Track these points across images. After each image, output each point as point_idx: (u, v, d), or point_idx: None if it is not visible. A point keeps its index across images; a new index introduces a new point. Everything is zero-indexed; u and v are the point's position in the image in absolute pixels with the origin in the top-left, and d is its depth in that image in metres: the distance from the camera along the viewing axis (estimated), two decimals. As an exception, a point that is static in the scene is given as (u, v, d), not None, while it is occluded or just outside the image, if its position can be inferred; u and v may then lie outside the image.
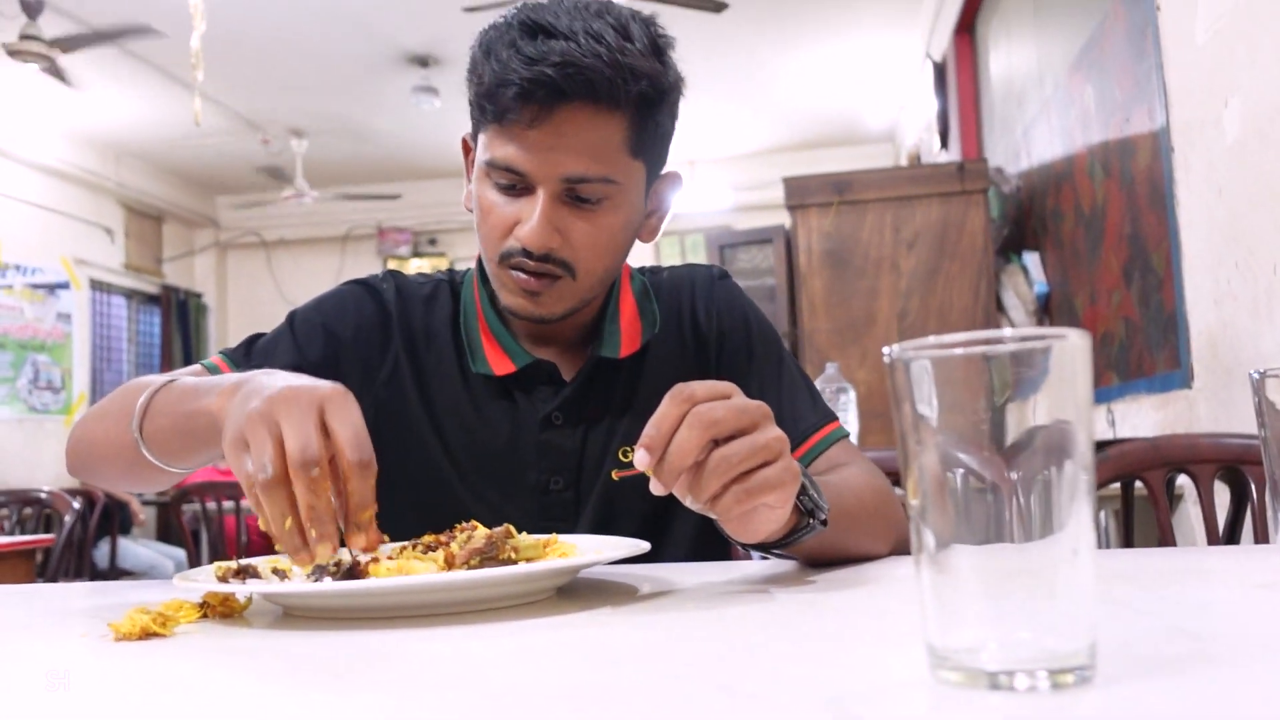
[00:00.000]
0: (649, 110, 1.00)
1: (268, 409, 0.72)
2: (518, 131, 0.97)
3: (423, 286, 1.19)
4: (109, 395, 1.04)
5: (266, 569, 0.78)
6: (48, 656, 0.62)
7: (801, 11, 5.76)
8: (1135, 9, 2.74)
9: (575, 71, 0.93)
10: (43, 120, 7.08)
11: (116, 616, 0.66)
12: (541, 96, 0.95)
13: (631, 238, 1.09)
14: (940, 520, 0.45)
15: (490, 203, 1.03)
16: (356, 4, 5.47)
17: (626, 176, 1.02)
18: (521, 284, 1.03)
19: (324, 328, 1.13)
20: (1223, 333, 2.17)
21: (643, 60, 0.97)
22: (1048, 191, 3.96)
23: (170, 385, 0.93)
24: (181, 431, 0.88)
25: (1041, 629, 0.43)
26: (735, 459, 0.72)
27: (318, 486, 0.69)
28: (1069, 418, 0.43)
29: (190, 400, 0.87)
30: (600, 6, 0.99)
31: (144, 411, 0.91)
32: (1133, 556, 0.89)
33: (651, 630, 0.63)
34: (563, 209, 1.00)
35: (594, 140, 0.98)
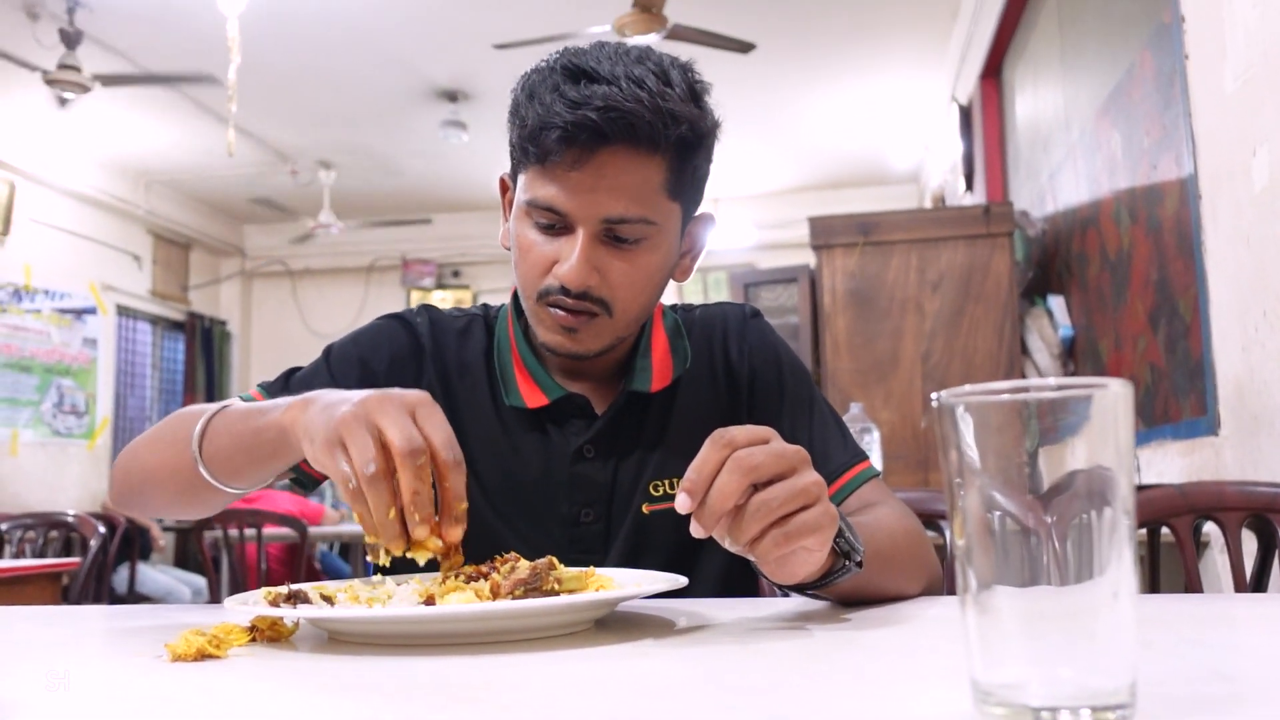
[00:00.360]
0: (687, 154, 1.02)
1: (362, 411, 0.76)
2: (560, 173, 1.00)
3: (457, 320, 1.21)
4: (157, 425, 1.07)
5: (315, 595, 0.80)
6: (110, 676, 0.64)
7: (828, 53, 5.81)
8: (1163, 57, 2.77)
9: (617, 115, 0.96)
10: (75, 148, 7.20)
11: (162, 638, 0.68)
12: (584, 139, 0.97)
13: (667, 277, 1.11)
14: (983, 561, 0.47)
15: (530, 241, 1.05)
16: (388, 39, 5.56)
17: (664, 218, 1.04)
18: (560, 321, 1.05)
19: (359, 361, 1.16)
20: (1250, 381, 2.17)
21: (682, 105, 0.99)
22: (1073, 236, 3.97)
23: (227, 409, 0.96)
24: (246, 448, 0.92)
25: (1083, 668, 0.44)
26: (774, 503, 0.74)
27: (423, 474, 0.74)
28: (1109, 464, 0.45)
29: (255, 418, 0.91)
30: (640, 53, 1.02)
31: (203, 434, 0.95)
32: (1162, 601, 0.90)
33: (693, 663, 0.64)
34: (601, 248, 1.03)
35: (634, 182, 1.00)
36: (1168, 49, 2.69)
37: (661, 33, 4.55)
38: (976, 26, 5.12)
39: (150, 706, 0.54)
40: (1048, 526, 0.46)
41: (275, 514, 4.46)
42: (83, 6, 5.08)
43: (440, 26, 5.43)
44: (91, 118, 6.45)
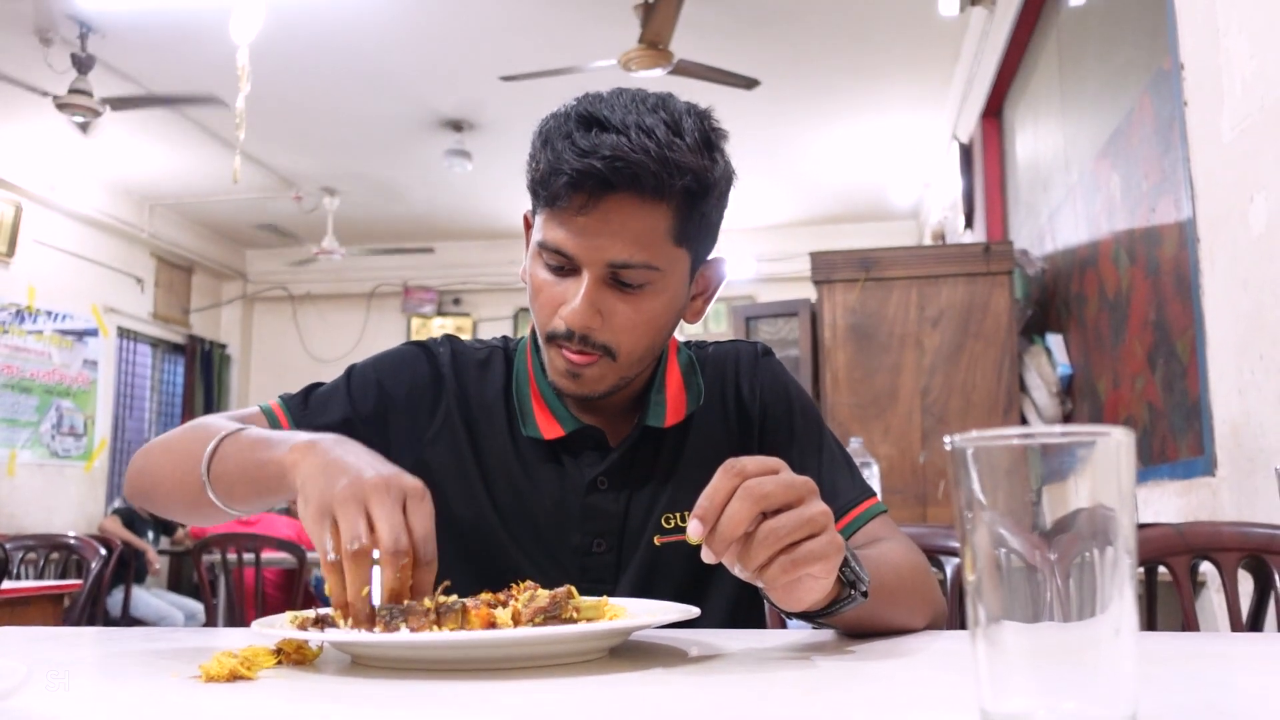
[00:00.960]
0: (693, 202, 1.05)
1: (358, 491, 0.80)
2: (567, 218, 1.03)
3: (478, 352, 1.24)
4: (176, 431, 1.10)
5: (341, 619, 0.82)
6: (149, 697, 0.67)
7: (831, 90, 5.88)
8: (1163, 103, 2.81)
9: (623, 165, 0.99)
10: (80, 171, 7.25)
11: (186, 660, 0.70)
12: (590, 186, 1.00)
13: (674, 319, 1.14)
14: (992, 596, 0.49)
15: (542, 281, 1.09)
16: (395, 68, 5.63)
17: (669, 264, 1.07)
18: (567, 365, 1.08)
19: (378, 384, 1.19)
20: (1246, 422, 2.20)
21: (689, 155, 1.02)
22: (1072, 275, 4.01)
23: (239, 434, 0.99)
24: (249, 479, 0.95)
25: (1086, 700, 0.46)
26: (783, 531, 0.76)
27: (404, 574, 0.78)
28: (1112, 505, 0.47)
29: (261, 450, 0.94)
30: (657, 100, 1.05)
31: (212, 455, 0.98)
32: (1160, 639, 0.92)
33: (707, 690, 0.67)
34: (606, 291, 1.06)
35: (638, 229, 1.03)
36: (1167, 95, 2.73)
37: (667, 68, 4.60)
38: (978, 67, 5.19)
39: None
40: (1051, 564, 0.48)
41: (274, 539, 4.47)
42: (95, 32, 5.14)
43: (447, 57, 5.50)
44: (98, 141, 6.50)
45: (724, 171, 1.08)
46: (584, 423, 1.16)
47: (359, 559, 0.77)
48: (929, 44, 5.37)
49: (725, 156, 1.09)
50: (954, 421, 3.92)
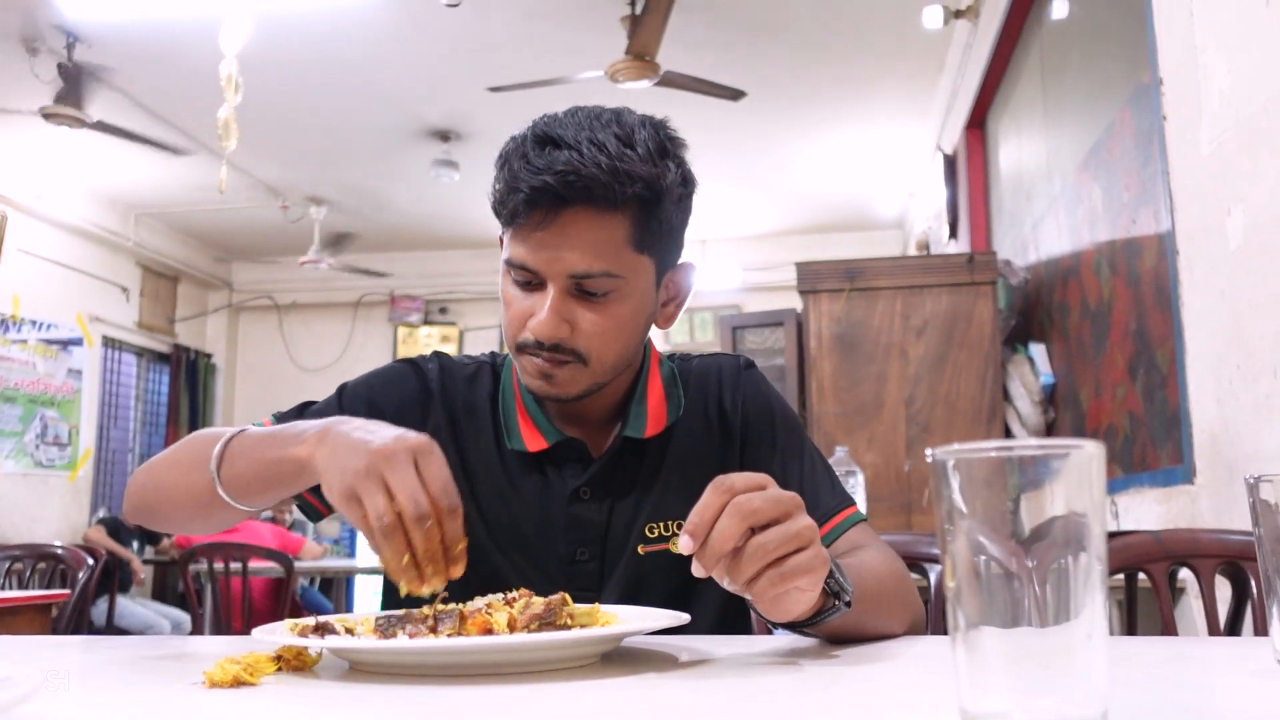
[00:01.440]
0: (649, 210, 1.08)
1: (372, 465, 0.84)
2: (527, 234, 1.07)
3: (466, 367, 1.27)
4: (174, 447, 1.13)
5: (340, 626, 0.84)
6: (157, 703, 0.68)
7: (816, 101, 5.93)
8: (1143, 117, 2.86)
9: (575, 179, 1.02)
10: (66, 180, 7.24)
11: (186, 666, 0.72)
12: (546, 202, 1.04)
13: (643, 325, 1.17)
14: (971, 603, 0.51)
15: (510, 296, 1.12)
16: (382, 78, 5.64)
17: (631, 271, 1.09)
18: (538, 368, 1.11)
19: (368, 401, 1.22)
20: (1224, 431, 2.23)
21: (640, 165, 1.05)
22: (1055, 285, 4.06)
23: (244, 434, 1.03)
24: (265, 476, 0.98)
25: (1060, 700, 0.49)
26: (771, 546, 0.79)
27: (430, 533, 0.82)
28: (1085, 515, 0.50)
29: (273, 448, 0.97)
30: (612, 116, 1.08)
31: (221, 456, 1.01)
32: (1137, 643, 0.95)
33: (699, 693, 0.69)
34: (571, 302, 1.09)
35: (596, 240, 1.06)
36: (1147, 109, 2.78)
37: (653, 79, 4.64)
38: (962, 79, 5.25)
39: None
40: (1029, 571, 0.51)
41: (261, 548, 4.47)
42: (81, 42, 5.14)
43: (435, 68, 5.52)
44: (83, 150, 6.49)
45: (679, 177, 1.11)
46: (566, 435, 1.19)
47: (389, 533, 0.81)
48: (914, 56, 5.42)
49: (681, 163, 1.12)
50: (938, 430, 3.96)
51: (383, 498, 0.82)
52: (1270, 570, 0.77)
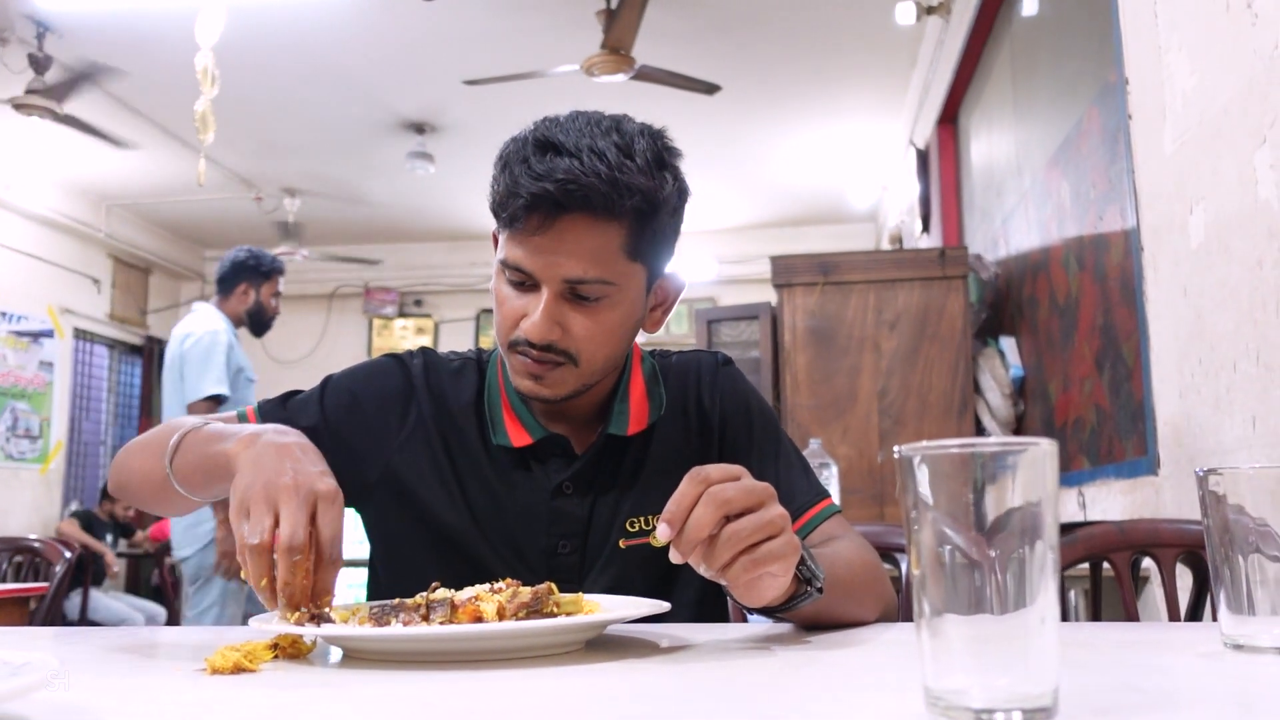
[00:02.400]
0: (645, 220, 1.11)
1: (270, 491, 0.88)
2: (525, 238, 1.10)
3: (452, 363, 1.30)
4: (152, 430, 1.18)
5: (337, 616, 0.87)
6: (162, 689, 0.72)
7: (791, 95, 5.97)
8: (1109, 115, 2.91)
9: (575, 188, 1.05)
10: (36, 170, 7.19)
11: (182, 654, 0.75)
12: (545, 208, 1.07)
13: (632, 329, 1.20)
14: (935, 591, 0.55)
15: (504, 295, 1.15)
16: (356, 70, 5.64)
17: (624, 278, 1.13)
18: (528, 368, 1.14)
19: (351, 393, 1.25)
20: (1186, 424, 2.29)
21: (639, 176, 1.08)
22: (1024, 280, 4.12)
23: (203, 428, 1.08)
24: (203, 469, 1.04)
25: (1016, 678, 0.53)
26: (744, 533, 0.84)
27: (296, 568, 0.85)
28: (1040, 508, 0.54)
29: (214, 443, 1.03)
30: (612, 123, 1.11)
31: (175, 449, 1.07)
32: (1095, 629, 0.99)
33: (679, 676, 0.73)
34: (564, 305, 1.12)
35: (592, 247, 1.09)
36: (1113, 107, 2.83)
37: (629, 73, 4.66)
38: (934, 74, 5.30)
39: (208, 712, 0.62)
40: (991, 560, 0.54)
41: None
42: (52, 32, 5.11)
43: (410, 60, 5.52)
44: (52, 140, 6.45)
45: (675, 189, 1.14)
46: (551, 431, 1.22)
47: (256, 553, 0.86)
48: (886, 51, 5.47)
49: (678, 175, 1.15)
50: (911, 423, 4.01)
51: (268, 520, 0.87)
52: (1218, 559, 0.81)
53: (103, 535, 6.74)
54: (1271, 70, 1.84)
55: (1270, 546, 0.79)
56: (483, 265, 8.85)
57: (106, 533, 6.83)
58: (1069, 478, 3.40)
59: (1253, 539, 0.79)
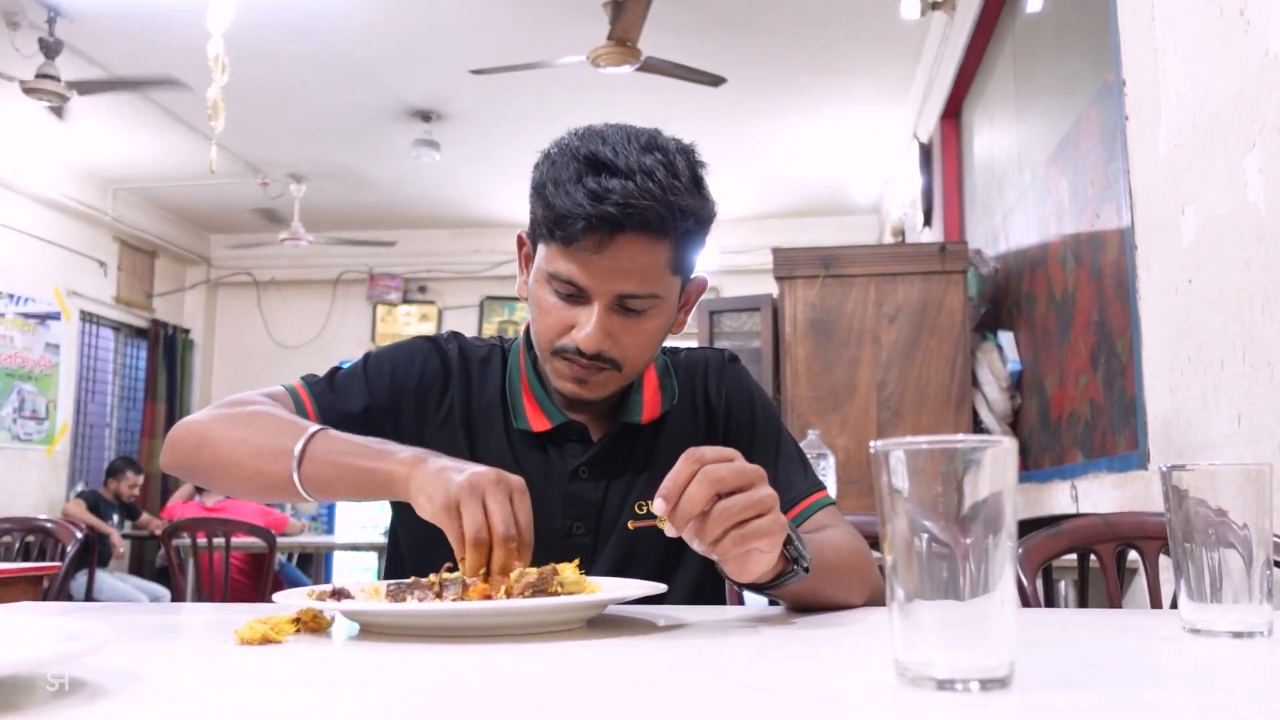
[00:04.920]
0: (690, 238, 1.18)
1: (476, 484, 0.95)
2: (580, 255, 1.14)
3: (480, 349, 1.37)
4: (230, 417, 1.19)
5: (356, 592, 0.93)
6: (199, 658, 0.78)
7: (795, 88, 6.01)
8: (1107, 114, 2.96)
9: (634, 211, 1.10)
10: (44, 154, 7.24)
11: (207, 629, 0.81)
12: (605, 229, 1.12)
13: (667, 334, 1.27)
14: (907, 577, 0.61)
15: (550, 304, 1.20)
16: (364, 58, 5.68)
17: (667, 290, 1.20)
18: (574, 373, 1.21)
19: (392, 374, 1.31)
20: (1176, 420, 2.35)
21: (688, 198, 1.14)
22: (1023, 275, 4.17)
23: (324, 434, 1.11)
24: (354, 483, 1.07)
25: (977, 653, 0.59)
26: (734, 510, 0.90)
27: (512, 554, 0.93)
28: (1002, 500, 0.59)
29: (365, 459, 1.07)
30: (649, 139, 1.16)
31: (302, 455, 1.09)
32: (1065, 614, 1.05)
33: (675, 651, 0.79)
34: (614, 317, 1.18)
35: (644, 264, 1.15)
36: (1111, 107, 2.88)
37: (635, 65, 4.70)
38: (938, 69, 5.34)
39: (243, 676, 0.67)
40: (965, 548, 0.60)
41: (245, 524, 4.54)
42: (63, 17, 5.15)
43: (417, 49, 5.56)
44: (62, 125, 6.50)
45: (712, 207, 1.21)
46: (569, 418, 1.29)
47: (479, 545, 0.93)
48: (891, 45, 5.51)
49: (709, 192, 1.21)
50: (909, 415, 4.07)
51: (481, 512, 0.94)
52: (1180, 550, 0.87)
53: (108, 516, 6.82)
54: (1262, 77, 1.89)
55: (1228, 537, 0.84)
56: (487, 253, 8.91)
57: (112, 514, 6.90)
58: (1063, 471, 3.45)
59: (1212, 531, 0.85)
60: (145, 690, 0.61)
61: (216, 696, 0.62)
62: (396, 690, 0.63)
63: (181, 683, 0.65)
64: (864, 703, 0.58)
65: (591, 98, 5.81)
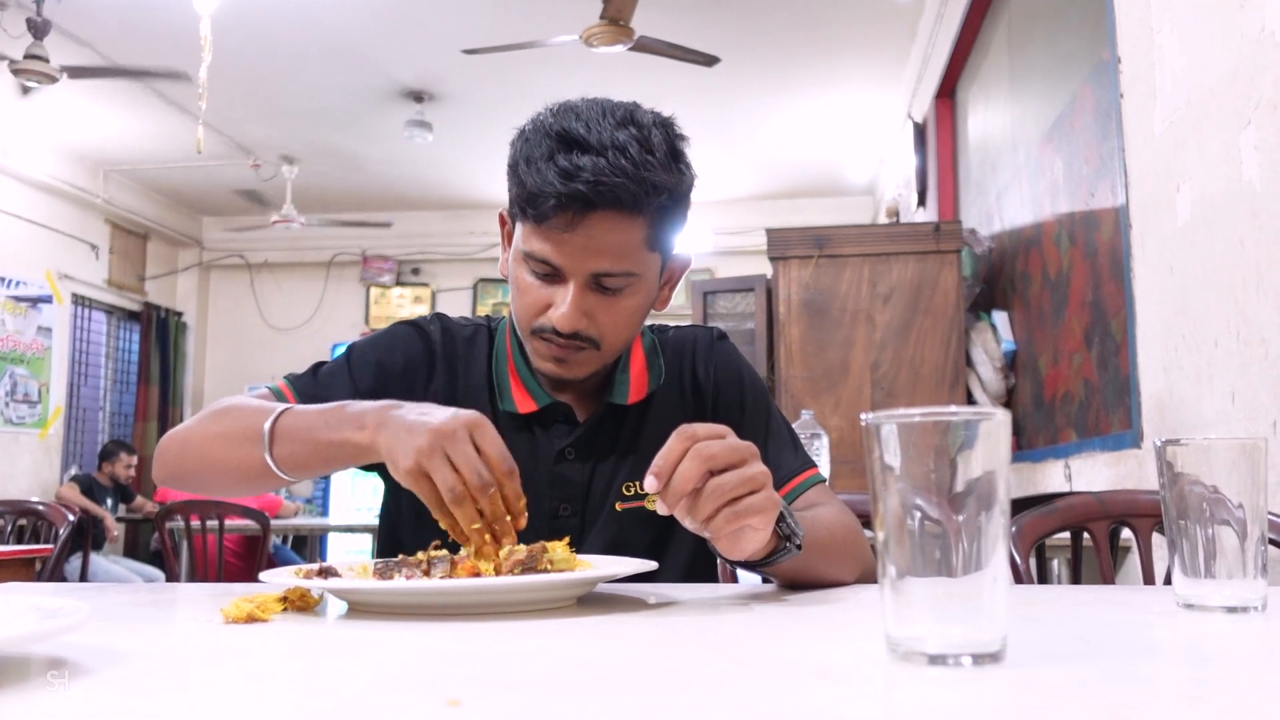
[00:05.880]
0: (665, 213, 1.16)
1: (434, 443, 0.92)
2: (553, 234, 1.13)
3: (465, 329, 1.35)
4: (207, 418, 1.18)
5: (345, 570, 0.92)
6: (185, 636, 0.77)
7: (790, 67, 5.98)
8: (1102, 93, 2.94)
9: (605, 188, 1.09)
10: (34, 136, 7.19)
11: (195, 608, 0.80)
12: (575, 207, 1.10)
13: (647, 312, 1.26)
14: (899, 553, 0.60)
15: (527, 284, 1.19)
16: (356, 38, 5.64)
17: (645, 268, 1.18)
18: (552, 353, 1.20)
19: (376, 363, 1.30)
20: (1169, 398, 2.34)
21: (662, 173, 1.12)
22: (1017, 255, 4.16)
23: (291, 412, 1.09)
24: (324, 456, 1.06)
25: (969, 628, 0.58)
26: (727, 487, 0.89)
27: (494, 498, 0.91)
28: (996, 474, 0.58)
29: (330, 430, 1.05)
30: (625, 114, 1.14)
31: (271, 437, 1.07)
32: (1058, 590, 1.05)
33: (667, 628, 0.78)
34: (590, 296, 1.16)
35: (618, 241, 1.13)
36: (1106, 86, 2.86)
37: (627, 44, 4.67)
38: (933, 48, 5.31)
39: (227, 655, 0.67)
40: (958, 525, 0.59)
41: (239, 506, 4.53)
42: (52, -3, 5.11)
43: (409, 28, 5.52)
44: (52, 106, 6.45)
45: (690, 182, 1.19)
46: (555, 399, 1.28)
47: (460, 503, 0.90)
48: (886, 24, 5.48)
49: (689, 164, 1.19)
50: (902, 395, 4.07)
51: (450, 471, 0.91)
52: (1174, 526, 0.86)
53: (102, 500, 6.80)
54: (1258, 54, 1.88)
55: (1222, 513, 0.84)
56: (480, 234, 8.87)
57: (106, 497, 6.89)
58: (1056, 450, 3.45)
59: (1206, 506, 0.84)
60: (125, 669, 0.60)
61: (198, 675, 0.61)
62: (384, 668, 0.62)
63: (163, 661, 0.64)
64: (855, 678, 0.58)
65: (585, 77, 5.77)
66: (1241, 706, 0.50)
